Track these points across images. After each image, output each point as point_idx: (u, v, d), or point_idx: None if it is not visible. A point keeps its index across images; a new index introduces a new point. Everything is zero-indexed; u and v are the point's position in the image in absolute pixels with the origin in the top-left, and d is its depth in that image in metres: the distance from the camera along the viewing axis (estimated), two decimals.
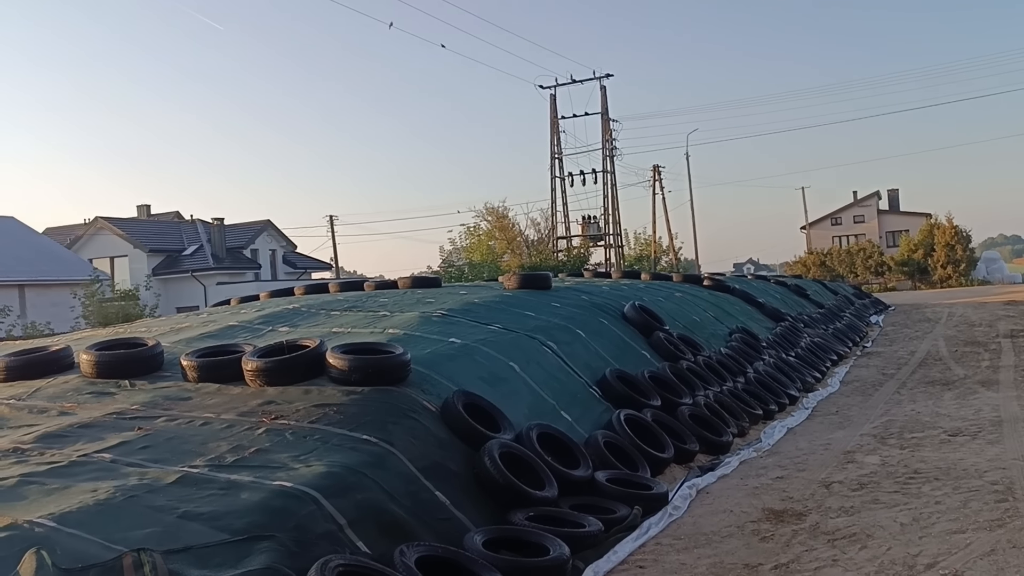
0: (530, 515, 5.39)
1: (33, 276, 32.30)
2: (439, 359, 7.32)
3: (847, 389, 11.53)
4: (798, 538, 5.29)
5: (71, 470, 4.95)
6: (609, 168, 45.30)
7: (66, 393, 6.90)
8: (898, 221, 60.19)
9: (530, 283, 12.20)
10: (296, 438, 5.43)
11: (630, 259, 48.68)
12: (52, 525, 4.07)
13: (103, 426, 5.86)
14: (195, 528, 4.19)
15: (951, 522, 5.29)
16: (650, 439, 7.33)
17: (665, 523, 5.82)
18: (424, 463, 5.46)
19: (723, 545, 5.31)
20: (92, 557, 3.80)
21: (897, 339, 17.95)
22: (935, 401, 9.85)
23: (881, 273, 52.01)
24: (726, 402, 9.14)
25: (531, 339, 8.71)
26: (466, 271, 40.85)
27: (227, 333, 8.96)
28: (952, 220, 50.45)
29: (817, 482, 6.60)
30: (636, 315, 10.92)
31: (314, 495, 4.61)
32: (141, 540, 3.97)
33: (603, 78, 44.74)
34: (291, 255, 49.09)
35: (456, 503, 5.31)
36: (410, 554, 4.40)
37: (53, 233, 43.03)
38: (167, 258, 42.58)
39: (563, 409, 7.42)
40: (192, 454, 5.20)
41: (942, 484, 6.22)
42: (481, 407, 6.46)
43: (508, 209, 48.92)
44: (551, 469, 5.99)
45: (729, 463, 7.46)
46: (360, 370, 6.36)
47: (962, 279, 47.99)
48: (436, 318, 9.07)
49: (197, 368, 6.87)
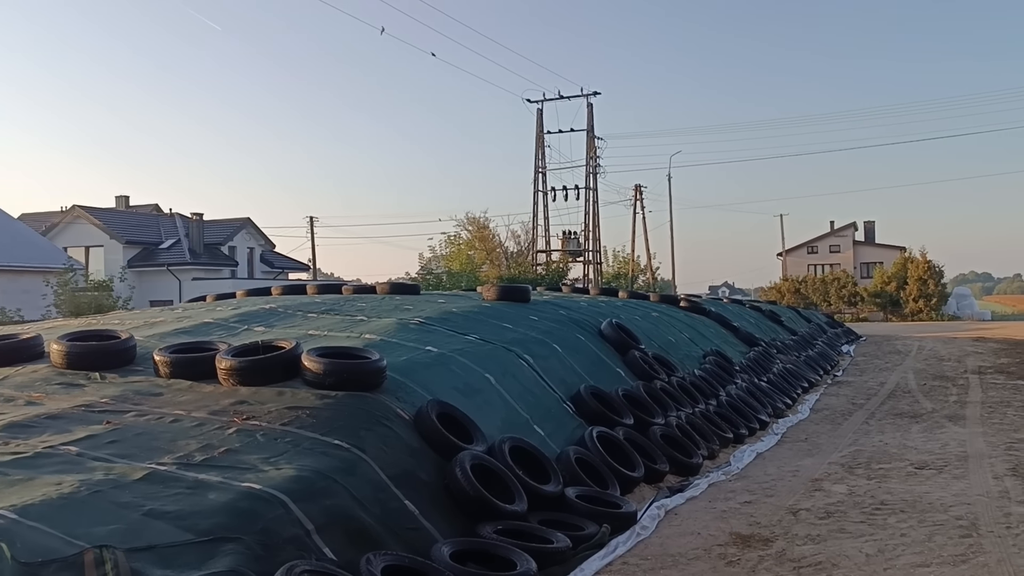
0: (499, 528, 5.37)
1: (5, 261, 31.75)
2: (415, 367, 7.29)
3: (817, 417, 11.62)
4: (764, 564, 5.31)
5: (35, 461, 4.87)
6: (592, 185, 45.54)
7: (34, 383, 6.79)
8: (873, 253, 60.88)
9: (509, 295, 12.20)
10: (267, 440, 5.38)
11: (608, 276, 48.89)
12: (13, 517, 3.99)
13: (71, 418, 5.77)
14: (160, 527, 4.13)
15: (916, 555, 5.34)
16: (621, 457, 7.33)
17: (633, 542, 5.82)
18: (395, 471, 5.42)
19: (689, 567, 5.32)
20: (53, 552, 3.73)
21: (867, 369, 18.13)
22: (903, 433, 9.95)
23: (854, 303, 52.55)
24: (697, 424, 9.17)
25: (508, 351, 8.70)
26: (444, 279, 40.78)
27: (202, 330, 8.87)
28: (926, 255, 51.14)
29: (785, 508, 6.64)
30: (613, 332, 10.94)
31: (282, 498, 4.57)
32: (104, 537, 3.91)
33: (590, 96, 45.06)
34: (269, 254, 48.78)
35: (425, 513, 5.28)
36: (376, 563, 4.36)
37: (29, 219, 42.47)
38: (143, 250, 42.15)
39: (536, 423, 7.41)
40: (160, 451, 5.13)
41: (908, 516, 6.28)
42: (454, 417, 6.44)
43: (489, 220, 49.09)
44: (522, 483, 5.98)
45: (698, 485, 7.48)
46: (335, 374, 6.31)
47: (933, 313, 48.59)
48: (413, 325, 9.04)
49: (170, 364, 6.79)
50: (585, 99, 45.06)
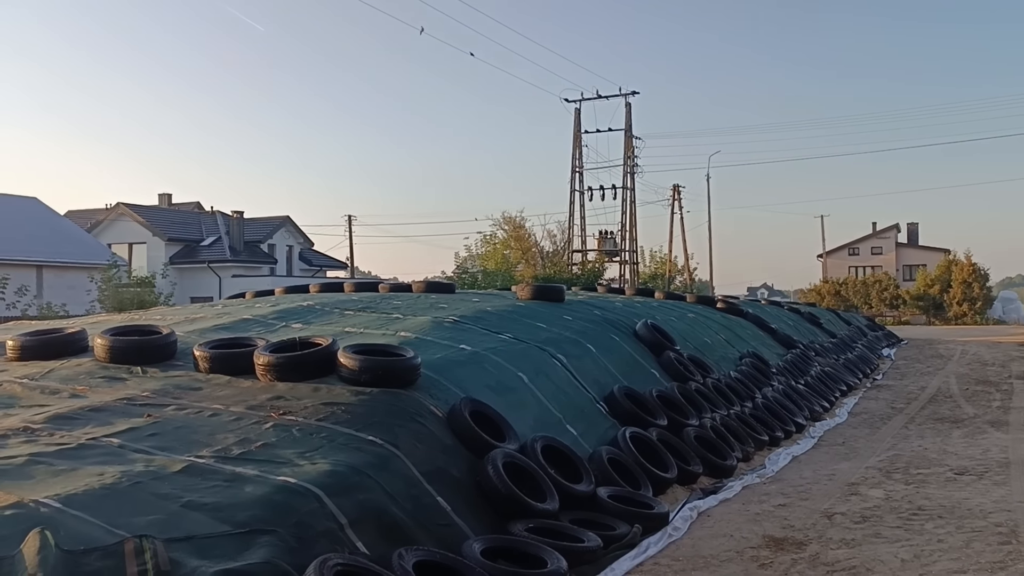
0: (530, 527, 5.40)
1: (52, 257, 32.54)
2: (449, 365, 7.34)
3: (855, 421, 11.48)
4: (797, 567, 5.27)
5: (79, 453, 5.00)
6: (629, 185, 45.34)
7: (79, 376, 6.97)
8: (916, 255, 59.86)
9: (543, 295, 12.22)
10: (303, 435, 5.47)
11: (644, 276, 48.66)
12: (57, 506, 4.11)
13: (113, 411, 5.92)
14: (198, 518, 4.22)
15: (952, 561, 5.26)
16: (654, 458, 7.32)
17: (664, 543, 5.82)
18: (427, 468, 5.48)
19: (721, 569, 5.30)
20: (95, 540, 3.84)
21: (908, 373, 17.84)
22: (943, 438, 9.79)
23: (896, 306, 51.73)
24: (732, 426, 9.11)
25: (541, 351, 8.73)
26: (480, 279, 40.90)
27: (241, 326, 9.03)
28: (971, 257, 50.19)
29: (819, 512, 6.58)
30: (648, 333, 10.91)
31: (317, 492, 4.64)
32: (144, 527, 4.01)
33: (629, 95, 44.86)
34: (307, 252, 49.31)
35: (457, 510, 5.32)
36: (408, 558, 4.41)
37: (75, 216, 43.41)
38: (185, 247, 42.87)
39: (569, 423, 7.43)
40: (199, 444, 5.24)
41: (945, 522, 6.18)
42: (487, 415, 6.48)
43: (525, 219, 49.10)
44: (553, 482, 6.00)
45: (732, 487, 7.44)
46: (370, 371, 6.39)
47: (977, 317, 47.66)
48: (448, 324, 9.10)
49: (209, 359, 6.93)
50: (623, 98, 44.92)
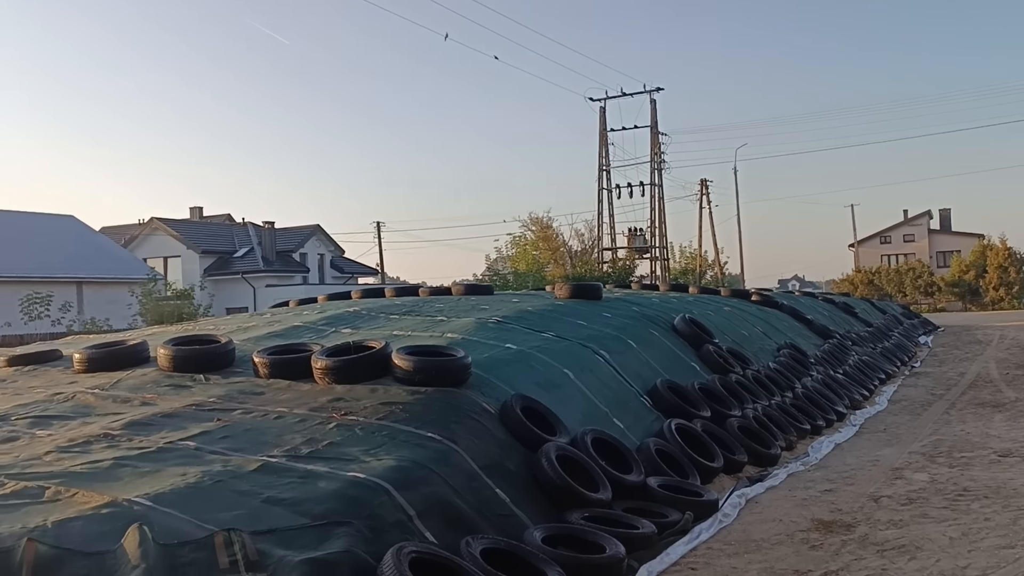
0: (585, 515, 5.61)
1: (91, 273, 33.28)
2: (496, 363, 7.58)
3: (895, 408, 11.55)
4: (847, 548, 5.43)
5: (159, 455, 5.30)
6: (657, 181, 45.44)
7: (146, 385, 7.30)
8: (949, 241, 59.23)
9: (581, 293, 12.42)
10: (365, 433, 5.72)
11: (675, 272, 48.63)
12: (149, 504, 4.40)
13: (184, 416, 6.22)
14: (278, 512, 4.49)
15: (1000, 537, 5.40)
16: (700, 448, 7.50)
17: (715, 529, 5.99)
18: (485, 461, 5.71)
19: (773, 552, 5.47)
20: (186, 535, 4.12)
21: (946, 360, 17.80)
22: (985, 422, 9.85)
23: (931, 294, 51.25)
24: (774, 416, 9.25)
25: (584, 347, 8.93)
26: (511, 280, 41.16)
27: (292, 333, 9.33)
28: (1006, 241, 49.68)
29: (866, 496, 6.72)
30: (686, 327, 11.07)
31: (385, 487, 4.89)
32: (230, 521, 4.28)
33: (653, 92, 45.00)
34: (338, 260, 49.87)
35: (515, 501, 5.55)
36: (475, 545, 4.64)
37: (109, 232, 44.29)
38: (218, 259, 43.57)
39: (615, 416, 7.63)
40: (269, 445, 5.51)
41: (991, 502, 6.30)
42: (537, 411, 6.70)
43: (552, 219, 49.26)
44: (605, 473, 6.21)
45: (777, 475, 7.60)
46: (424, 371, 6.64)
47: (1015, 302, 47.10)
48: (492, 324, 9.34)
49: (268, 365, 7.22)
50: (648, 95, 45.06)
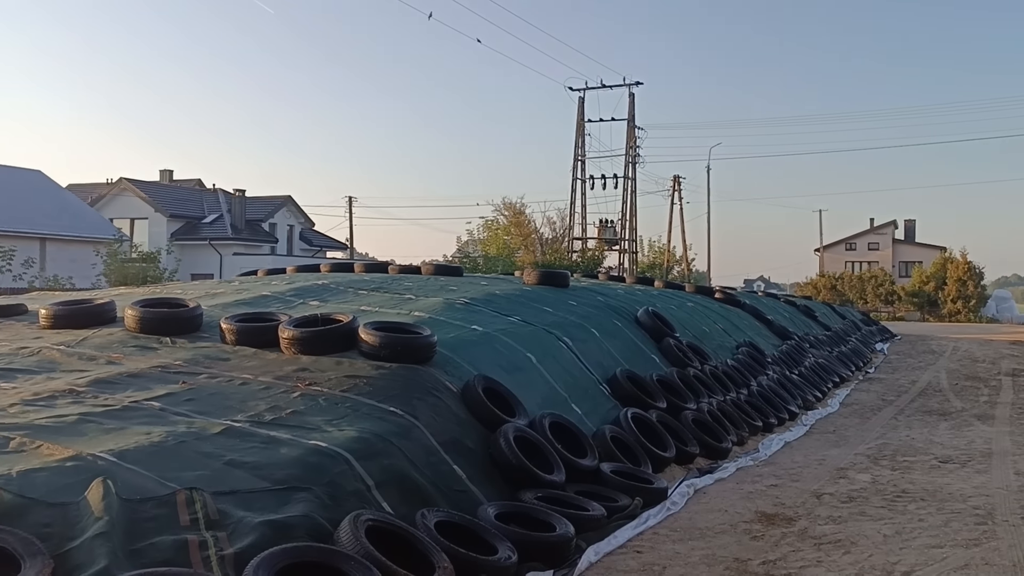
0: (538, 495, 5.78)
1: (55, 230, 32.80)
2: (462, 344, 7.71)
3: (846, 411, 11.88)
4: (787, 540, 5.66)
5: (124, 413, 5.37)
6: (631, 175, 45.65)
7: (112, 344, 7.33)
8: (912, 252, 60.36)
9: (549, 280, 12.57)
10: (328, 404, 5.84)
11: (643, 266, 49.04)
12: (113, 460, 4.48)
13: (150, 377, 6.29)
14: (240, 475, 4.60)
15: (931, 538, 5.66)
16: (654, 438, 7.71)
17: (663, 516, 6.21)
18: (444, 438, 5.86)
19: (716, 540, 5.69)
20: (149, 491, 4.21)
21: (900, 368, 18.26)
22: (930, 429, 10.19)
23: (891, 302, 52.20)
24: (728, 411, 9.50)
25: (548, 333, 9.10)
26: (481, 263, 41.25)
27: (260, 302, 9.39)
28: (966, 256, 50.65)
29: (809, 492, 6.97)
30: (649, 320, 11.28)
31: (346, 456, 5.02)
32: (192, 481, 4.39)
33: (632, 85, 45.11)
34: (308, 232, 49.61)
35: (471, 478, 5.70)
36: (431, 518, 4.79)
37: (77, 190, 43.65)
38: (186, 224, 43.14)
39: (574, 402, 7.81)
40: (233, 410, 5.61)
41: (927, 504, 6.58)
42: (499, 392, 6.85)
43: (525, 206, 49.38)
44: (560, 456, 6.39)
45: (727, 468, 7.84)
46: (390, 347, 6.76)
47: (971, 315, 48.14)
48: (459, 305, 9.46)
49: (236, 332, 7.29)
50: (627, 88, 45.16)
